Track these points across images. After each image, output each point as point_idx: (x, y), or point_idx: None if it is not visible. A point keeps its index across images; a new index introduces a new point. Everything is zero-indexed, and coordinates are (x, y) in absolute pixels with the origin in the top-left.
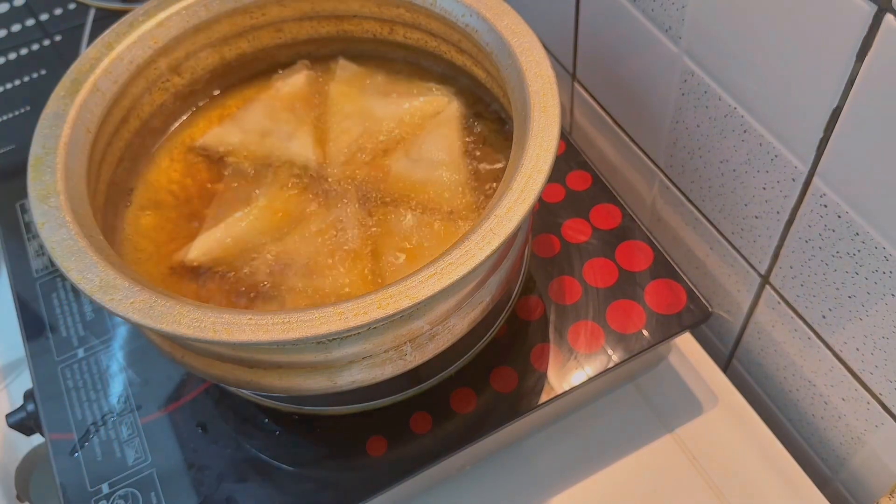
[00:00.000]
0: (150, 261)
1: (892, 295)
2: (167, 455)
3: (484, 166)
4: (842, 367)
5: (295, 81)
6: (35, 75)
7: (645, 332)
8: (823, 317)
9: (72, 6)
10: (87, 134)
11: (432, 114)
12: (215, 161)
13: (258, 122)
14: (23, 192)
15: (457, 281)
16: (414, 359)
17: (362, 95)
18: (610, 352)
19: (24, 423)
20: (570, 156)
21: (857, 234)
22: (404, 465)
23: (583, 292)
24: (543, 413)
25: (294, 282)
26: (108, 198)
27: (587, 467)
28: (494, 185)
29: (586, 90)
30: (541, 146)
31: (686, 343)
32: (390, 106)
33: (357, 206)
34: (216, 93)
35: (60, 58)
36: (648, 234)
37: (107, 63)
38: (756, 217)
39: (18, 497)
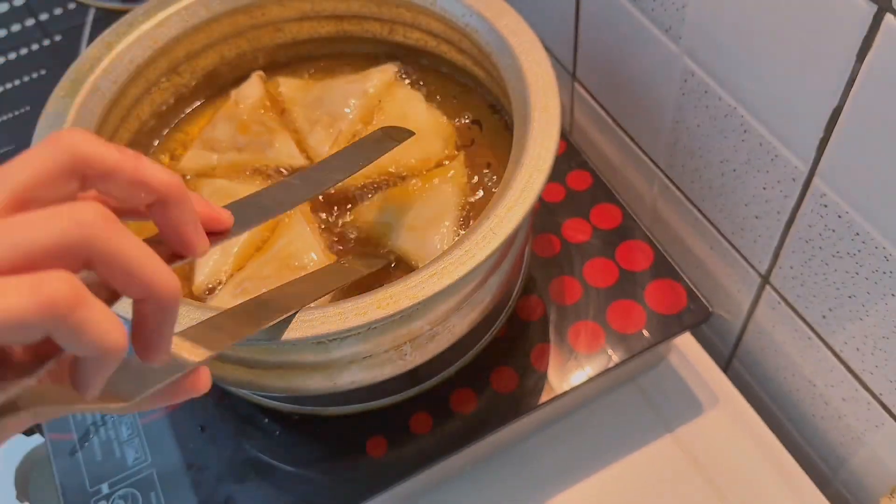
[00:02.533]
0: None
1: (893, 295)
2: (167, 455)
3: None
4: (842, 367)
5: (252, 92)
6: (35, 75)
7: (645, 332)
8: (824, 317)
9: (71, 6)
10: None
11: (387, 81)
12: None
13: (229, 139)
14: None
15: (457, 281)
16: (414, 359)
17: (314, 85)
18: (610, 352)
19: None
20: (570, 155)
21: (858, 233)
22: (404, 465)
23: (583, 292)
24: (543, 413)
25: None
26: None
27: (587, 467)
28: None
29: (586, 90)
30: (541, 146)
31: (686, 343)
32: (346, 84)
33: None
34: (215, 92)
35: (60, 58)
36: (649, 234)
37: (106, 63)
38: (756, 217)
39: (18, 497)
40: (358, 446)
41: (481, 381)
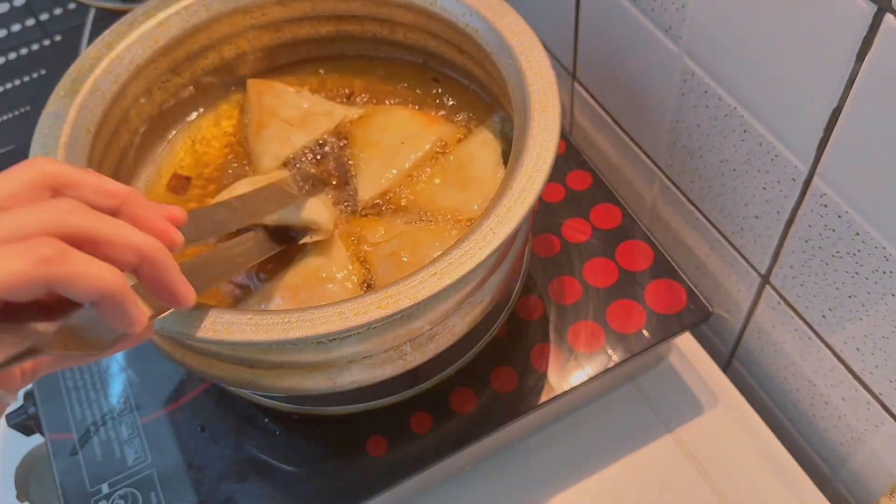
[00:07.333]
0: None
1: (893, 295)
2: (167, 455)
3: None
4: (842, 366)
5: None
6: (35, 75)
7: (645, 332)
8: (823, 317)
9: (72, 6)
10: (87, 134)
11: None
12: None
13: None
14: None
15: (457, 281)
16: (414, 359)
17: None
18: (610, 352)
19: (24, 423)
20: (570, 155)
21: (858, 233)
22: (404, 465)
23: (583, 292)
24: (543, 413)
25: None
26: None
27: (587, 467)
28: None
29: (586, 90)
30: (541, 146)
31: (686, 343)
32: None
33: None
34: (215, 93)
35: (60, 58)
36: (649, 233)
37: (107, 63)
38: (756, 217)
39: (19, 497)
40: (358, 446)
41: (481, 381)
